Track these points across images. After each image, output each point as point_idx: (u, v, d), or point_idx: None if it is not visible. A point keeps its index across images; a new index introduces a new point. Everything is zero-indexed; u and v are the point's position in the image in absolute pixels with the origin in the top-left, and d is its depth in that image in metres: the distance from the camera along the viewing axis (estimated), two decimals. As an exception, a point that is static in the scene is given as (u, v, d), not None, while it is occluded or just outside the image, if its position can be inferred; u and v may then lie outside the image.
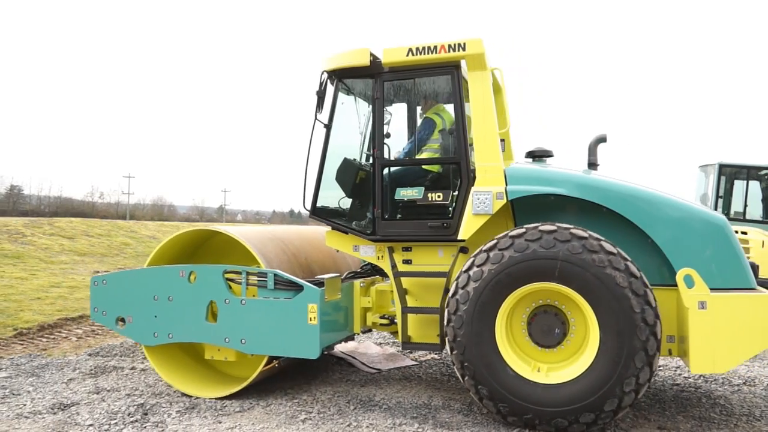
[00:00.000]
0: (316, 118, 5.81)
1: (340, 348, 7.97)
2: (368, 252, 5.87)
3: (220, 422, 4.90)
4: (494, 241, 4.93)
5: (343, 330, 5.80)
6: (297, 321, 5.19)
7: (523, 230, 4.86)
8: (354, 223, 5.86)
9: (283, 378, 6.40)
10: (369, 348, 8.05)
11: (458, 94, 5.50)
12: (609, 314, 4.52)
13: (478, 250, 5.01)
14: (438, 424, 4.90)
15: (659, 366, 7.12)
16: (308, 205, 5.87)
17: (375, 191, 5.68)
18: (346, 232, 5.87)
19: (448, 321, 4.94)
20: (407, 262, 5.75)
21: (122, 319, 5.82)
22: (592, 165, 6.07)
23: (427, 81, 5.83)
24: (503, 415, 4.78)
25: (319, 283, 5.36)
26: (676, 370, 6.91)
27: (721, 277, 4.81)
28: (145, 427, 4.79)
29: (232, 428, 4.74)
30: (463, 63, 5.58)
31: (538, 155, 5.97)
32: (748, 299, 4.60)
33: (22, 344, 7.85)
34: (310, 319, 5.16)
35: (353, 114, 6.11)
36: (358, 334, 6.17)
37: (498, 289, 4.79)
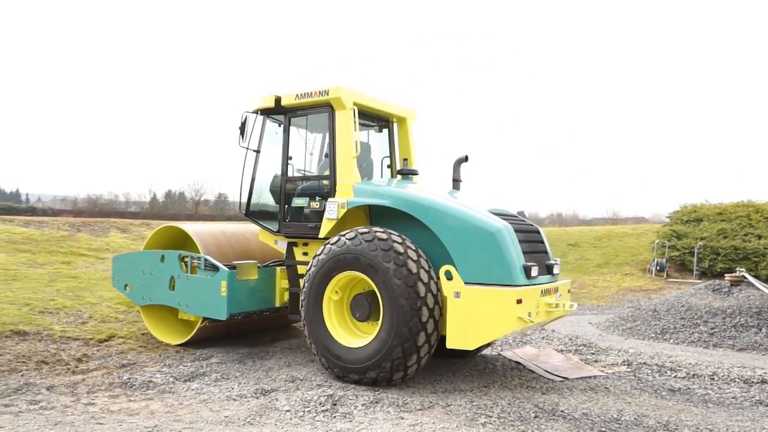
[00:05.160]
0: (246, 147, 7.45)
1: (520, 354, 7.78)
2: (282, 245, 7.48)
3: (402, 418, 5.03)
4: (330, 238, 6.42)
5: (261, 303, 7.44)
6: (214, 292, 7.05)
7: (348, 231, 6.26)
8: (269, 223, 7.50)
9: (462, 379, 6.42)
10: (551, 356, 7.75)
11: (332, 127, 6.91)
12: (387, 298, 5.83)
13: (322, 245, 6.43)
14: (630, 440, 4.55)
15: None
16: (243, 209, 7.63)
17: (281, 200, 7.35)
18: (268, 230, 7.49)
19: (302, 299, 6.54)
20: (305, 254, 7.28)
21: (127, 286, 7.99)
22: (456, 182, 7.29)
23: (318, 117, 7.23)
24: (326, 367, 6.30)
25: (234, 266, 7.08)
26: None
27: (479, 273, 5.81)
28: (334, 416, 5.10)
29: (413, 425, 4.84)
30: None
31: (405, 173, 7.50)
32: (492, 292, 5.65)
33: (229, 337, 8.81)
34: (222, 292, 6.98)
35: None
36: (278, 307, 7.61)
37: (325, 274, 6.29)
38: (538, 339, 9.23)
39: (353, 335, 6.35)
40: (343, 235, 6.24)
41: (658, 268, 18.36)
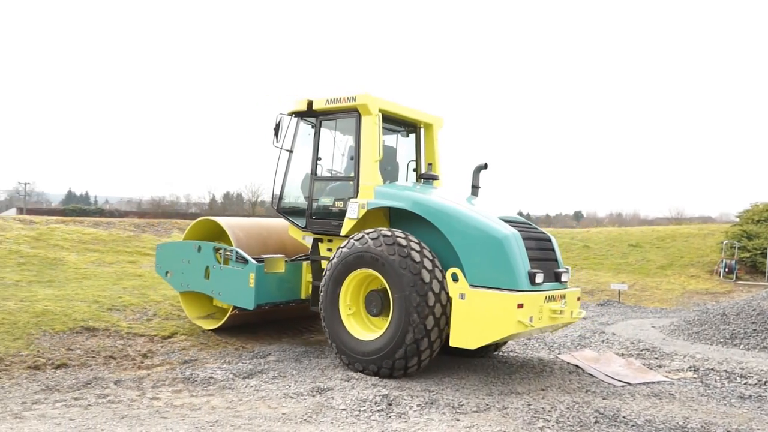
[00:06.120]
0: (280, 147, 7.81)
1: (579, 357, 7.59)
2: (309, 241, 7.83)
3: (458, 420, 4.99)
4: (354, 234, 6.74)
5: (288, 294, 7.78)
6: (244, 283, 7.41)
7: (372, 231, 6.56)
8: (298, 219, 7.82)
9: (519, 382, 6.31)
10: (611, 359, 7.52)
11: (358, 131, 7.24)
12: (398, 301, 6.13)
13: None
14: (697, 449, 4.36)
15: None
16: (275, 205, 8.05)
17: (310, 198, 7.67)
18: (296, 226, 7.81)
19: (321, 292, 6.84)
20: (330, 250, 7.57)
21: (168, 272, 8.48)
22: (475, 188, 7.62)
23: (346, 121, 7.53)
24: (335, 353, 6.75)
25: (262, 260, 7.41)
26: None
27: (485, 277, 6.05)
28: (389, 417, 5.10)
29: (469, 427, 4.79)
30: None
31: (426, 178, 7.74)
32: (494, 296, 5.89)
33: (286, 336, 8.98)
34: (250, 283, 7.32)
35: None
36: (304, 299, 7.89)
37: (343, 269, 6.62)
38: (597, 342, 8.97)
39: (365, 327, 6.69)
40: (367, 234, 6.56)
41: (726, 270, 17.53)
